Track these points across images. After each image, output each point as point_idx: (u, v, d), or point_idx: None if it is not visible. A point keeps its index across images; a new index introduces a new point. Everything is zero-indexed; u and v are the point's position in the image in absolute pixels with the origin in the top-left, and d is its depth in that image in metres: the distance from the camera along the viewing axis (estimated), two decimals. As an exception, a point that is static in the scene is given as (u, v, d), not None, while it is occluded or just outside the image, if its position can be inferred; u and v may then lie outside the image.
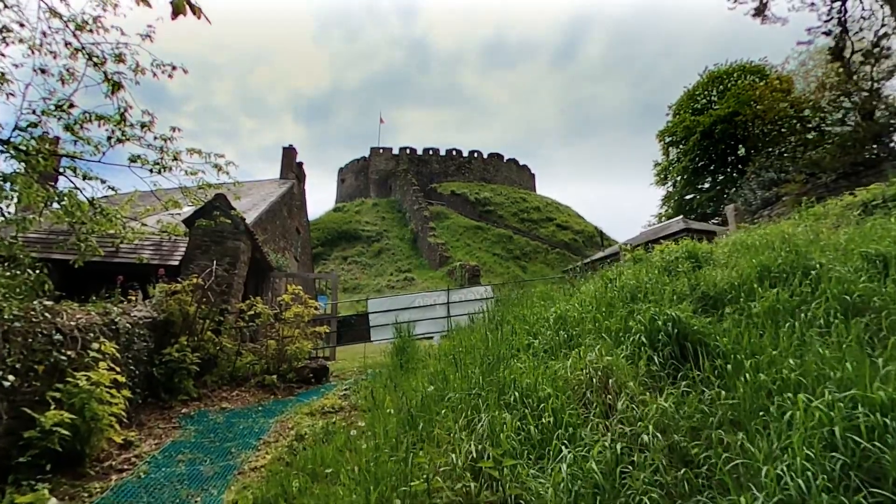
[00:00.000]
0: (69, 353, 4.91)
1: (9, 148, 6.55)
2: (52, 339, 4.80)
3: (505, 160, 61.47)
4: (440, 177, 57.02)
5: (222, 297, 9.49)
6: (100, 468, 4.91)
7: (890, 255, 4.20)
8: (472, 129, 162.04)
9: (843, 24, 12.83)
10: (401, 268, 38.36)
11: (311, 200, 23.08)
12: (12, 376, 4.27)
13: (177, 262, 10.51)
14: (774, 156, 20.25)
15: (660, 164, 39.45)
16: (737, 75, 35.78)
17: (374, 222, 47.63)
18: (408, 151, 59.00)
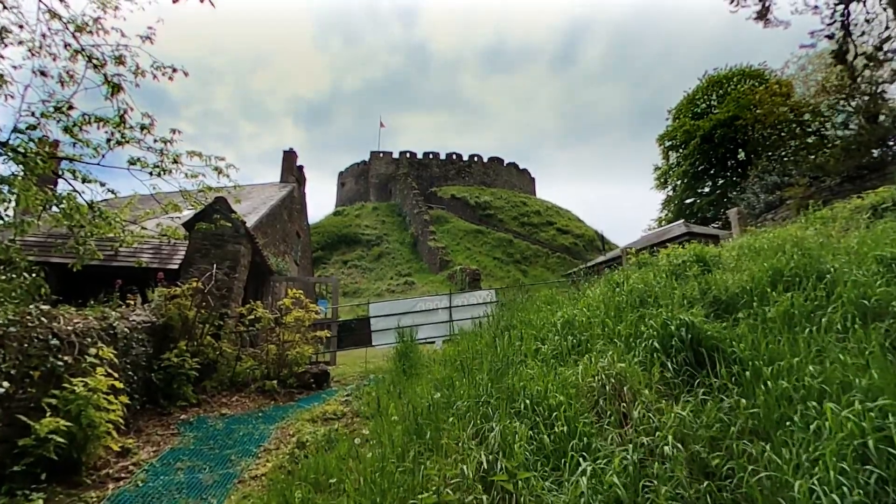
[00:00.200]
0: (66, 358, 4.80)
1: (7, 150, 6.47)
2: (49, 344, 4.69)
3: (505, 164, 61.50)
4: (440, 181, 57.02)
5: (222, 301, 9.37)
6: (96, 477, 4.79)
7: (905, 258, 4.11)
8: (472, 133, 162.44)
9: (846, 27, 12.81)
10: (401, 272, 38.25)
11: (310, 204, 23.05)
12: (7, 382, 4.17)
13: (176, 266, 10.41)
14: (777, 159, 20.20)
15: (660, 168, 39.47)
16: (736, 80, 35.84)
17: (374, 226, 47.56)
18: (408, 155, 59.03)
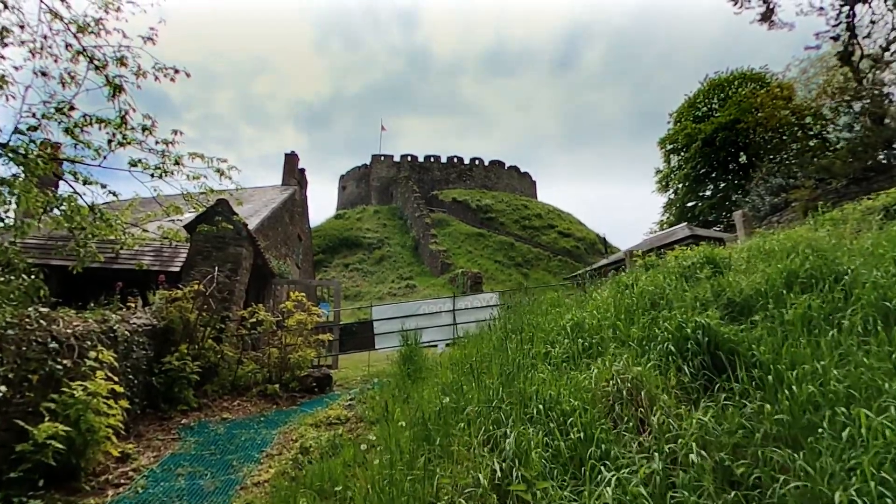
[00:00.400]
0: (65, 361, 4.71)
1: (7, 151, 6.40)
2: (48, 347, 4.61)
3: (506, 167, 61.46)
4: (441, 184, 56.97)
5: (224, 304, 9.29)
6: (95, 483, 4.71)
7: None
8: (473, 136, 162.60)
9: (852, 28, 12.75)
10: (402, 275, 38.15)
11: (311, 208, 22.97)
12: (4, 387, 4.08)
13: (177, 269, 10.33)
14: (781, 162, 20.11)
15: (661, 172, 39.43)
16: (737, 83, 35.84)
17: (375, 229, 47.49)
18: (409, 159, 59.00)
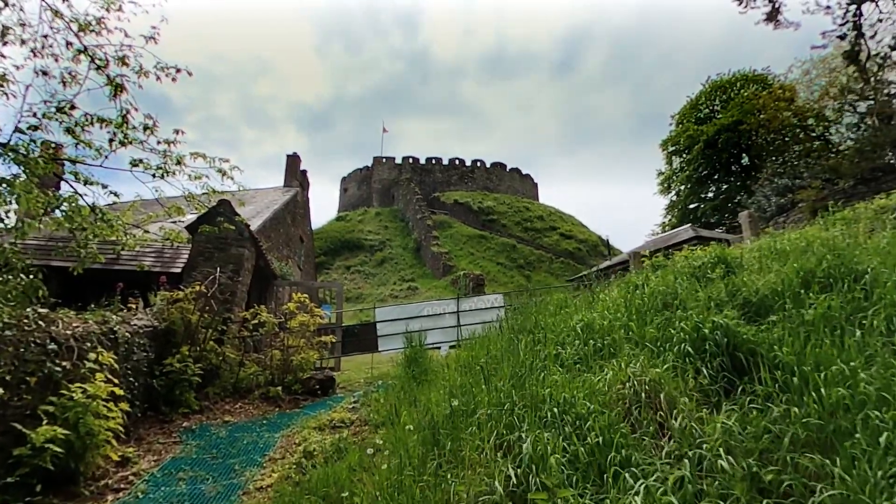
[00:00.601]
0: (64, 363, 4.62)
1: (7, 151, 6.32)
2: (46, 348, 4.51)
3: (508, 169, 61.37)
4: (443, 186, 56.89)
5: (225, 305, 9.20)
6: (95, 487, 4.60)
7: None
8: (474, 139, 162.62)
9: (859, 27, 12.64)
10: (404, 277, 38.03)
11: (313, 210, 22.87)
12: (2, 389, 3.98)
13: (179, 270, 10.24)
14: (786, 163, 20.00)
15: (663, 174, 39.34)
16: (739, 84, 35.76)
17: (376, 231, 47.41)
18: (410, 161, 58.94)
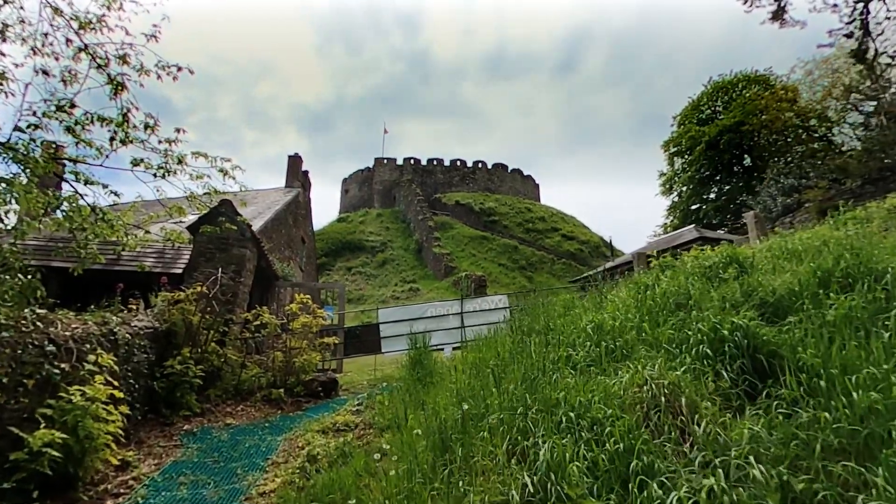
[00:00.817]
0: (63, 365, 4.52)
1: (6, 150, 6.23)
2: (45, 350, 4.41)
3: (509, 170, 61.29)
4: (444, 187, 56.81)
5: (227, 306, 9.10)
6: (94, 492, 4.49)
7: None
8: (474, 140, 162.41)
9: (866, 25, 12.52)
10: (405, 278, 37.94)
11: (314, 211, 22.77)
12: (-2, 392, 3.89)
13: (180, 270, 10.14)
14: (790, 163, 19.90)
15: (665, 175, 39.22)
16: (741, 85, 35.64)
17: (378, 232, 47.34)
18: (412, 162, 58.88)
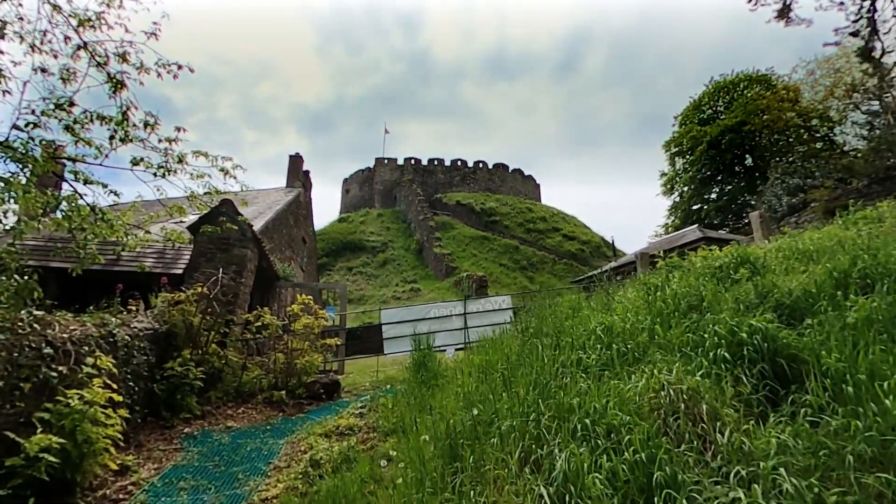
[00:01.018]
0: (60, 368, 4.42)
1: (4, 149, 6.13)
2: (42, 353, 4.31)
3: (510, 170, 61.19)
4: (445, 187, 56.72)
5: (228, 307, 9.01)
6: (92, 498, 4.40)
7: None
8: (475, 140, 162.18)
9: (873, 23, 12.40)
10: (406, 278, 37.84)
11: (315, 211, 22.67)
12: (-7, 396, 3.79)
13: (180, 271, 10.05)
14: (794, 163, 19.79)
15: (666, 175, 39.11)
16: (743, 85, 35.52)
17: (378, 233, 47.23)
18: (412, 162, 58.79)
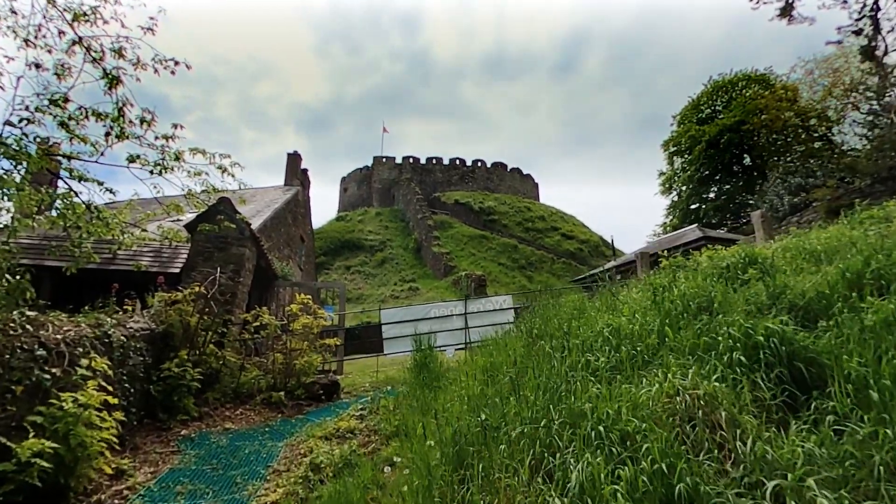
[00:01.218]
0: (54, 370, 4.30)
1: (-3, 145, 6.00)
2: (34, 354, 4.20)
3: (509, 169, 61.11)
4: (444, 186, 56.60)
5: (226, 307, 8.89)
6: (87, 503, 4.29)
7: None
8: (474, 140, 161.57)
9: (876, 22, 12.32)
10: (405, 277, 37.74)
11: (313, 211, 22.55)
12: (-16, 399, 3.67)
13: (177, 270, 9.93)
14: (793, 162, 19.74)
15: (665, 174, 39.06)
16: (742, 84, 35.49)
17: (377, 231, 47.10)
18: (411, 160, 58.64)
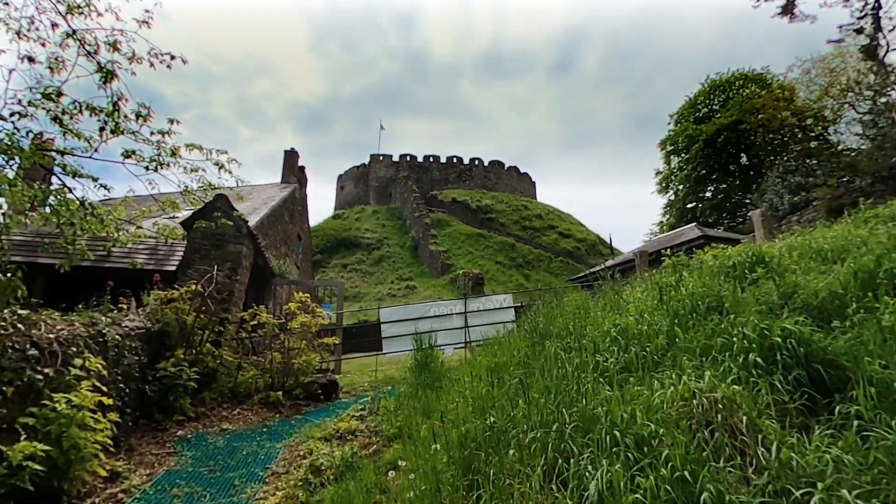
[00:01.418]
0: (46, 371, 4.19)
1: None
2: (26, 354, 4.08)
3: (506, 168, 61.00)
4: (441, 184, 56.43)
5: (222, 305, 8.77)
6: (80, 507, 4.18)
7: None
8: (471, 139, 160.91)
9: (878, 20, 12.28)
10: (402, 276, 37.61)
11: (310, 208, 22.41)
12: (-26, 401, 3.55)
13: (173, 268, 9.79)
14: (790, 161, 19.75)
15: (661, 173, 39.07)
16: (739, 84, 35.52)
17: (374, 229, 46.91)
18: (408, 158, 58.44)
